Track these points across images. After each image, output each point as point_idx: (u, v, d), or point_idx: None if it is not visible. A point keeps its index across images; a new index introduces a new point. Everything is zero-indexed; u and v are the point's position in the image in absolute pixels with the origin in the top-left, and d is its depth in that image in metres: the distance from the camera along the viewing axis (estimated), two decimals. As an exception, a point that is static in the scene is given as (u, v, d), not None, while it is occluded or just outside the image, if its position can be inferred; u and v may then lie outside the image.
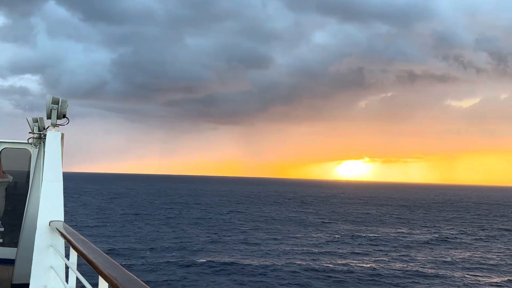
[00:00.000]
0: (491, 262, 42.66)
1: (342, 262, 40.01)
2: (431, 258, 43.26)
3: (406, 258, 42.83)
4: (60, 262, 6.30)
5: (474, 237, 59.35)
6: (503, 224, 78.65)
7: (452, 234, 61.67)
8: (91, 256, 3.89)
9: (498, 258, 44.65)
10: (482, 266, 40.45)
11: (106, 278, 3.21)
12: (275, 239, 51.94)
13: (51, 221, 6.48)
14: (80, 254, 4.35)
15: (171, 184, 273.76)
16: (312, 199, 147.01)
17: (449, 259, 43.36)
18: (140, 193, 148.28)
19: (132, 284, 2.89)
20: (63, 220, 6.53)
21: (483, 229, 69.53)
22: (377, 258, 42.37)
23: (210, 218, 73.24)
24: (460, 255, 45.89)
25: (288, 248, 45.73)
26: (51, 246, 6.43)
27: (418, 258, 43.05)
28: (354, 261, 40.46)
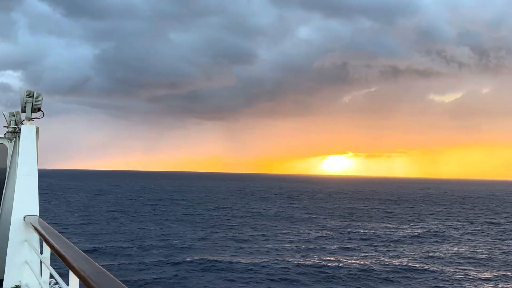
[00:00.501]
0: (480, 256, 42.72)
1: (332, 257, 39.75)
2: (421, 253, 43.21)
3: (395, 253, 42.72)
4: (35, 257, 6.22)
5: (462, 231, 59.62)
6: (489, 218, 79.28)
7: (440, 228, 61.87)
8: (62, 250, 3.86)
9: (487, 252, 44.75)
10: (471, 260, 40.46)
11: (75, 271, 3.21)
12: (263, 235, 51.52)
13: (25, 216, 6.36)
14: (52, 249, 4.30)
15: (155, 180, 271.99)
16: (298, 194, 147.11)
17: (438, 253, 43.34)
18: (125, 189, 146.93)
19: (100, 276, 2.90)
20: (38, 215, 6.37)
21: (470, 223, 69.94)
22: (367, 253, 42.18)
23: (197, 214, 72.59)
24: (449, 249, 45.93)
25: (277, 244, 45.33)
26: (26, 241, 6.34)
27: (407, 253, 42.96)
28: (344, 257, 40.21)
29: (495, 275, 35.04)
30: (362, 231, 57.24)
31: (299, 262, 37.13)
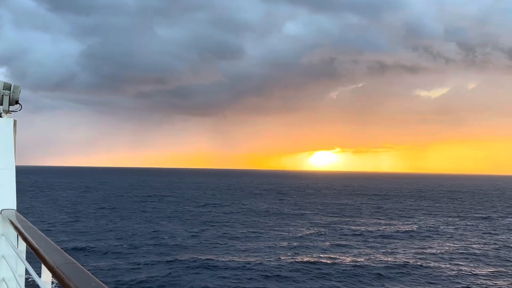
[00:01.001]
0: (473, 251, 42.67)
1: (324, 254, 39.43)
2: (413, 248, 43.05)
3: (388, 249, 42.52)
4: (11, 251, 6.01)
5: (453, 226, 59.71)
6: (478, 213, 79.64)
7: (431, 223, 61.93)
8: (35, 243, 3.78)
9: (479, 247, 44.75)
10: (464, 255, 40.35)
11: (46, 264, 3.18)
12: (255, 232, 51.10)
13: (2, 210, 6.15)
14: (27, 242, 4.22)
15: (143, 177, 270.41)
16: (288, 190, 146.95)
17: (430, 249, 43.22)
18: (113, 186, 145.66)
19: (70, 268, 2.87)
20: (15, 209, 6.22)
21: (461, 218, 70.16)
22: (359, 249, 41.94)
23: (188, 211, 71.95)
24: (441, 244, 45.86)
25: (269, 241, 44.92)
26: (3, 235, 6.12)
27: (400, 248, 42.78)
28: (336, 253, 39.91)
29: (489, 270, 34.92)
30: (353, 227, 57.06)
31: (292, 259, 36.77)
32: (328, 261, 36.41)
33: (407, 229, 55.92)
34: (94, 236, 45.77)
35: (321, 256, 38.39)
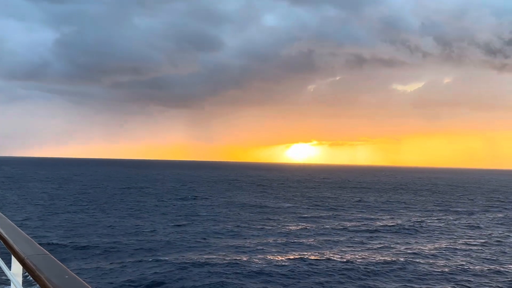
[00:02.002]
0: (461, 246, 42.25)
1: (311, 249, 38.51)
2: (400, 243, 42.44)
3: (375, 244, 41.85)
4: None
5: (439, 220, 59.46)
6: (460, 207, 79.94)
7: (415, 218, 61.63)
8: (4, 232, 3.68)
9: (465, 242, 44.40)
10: (452, 251, 39.86)
11: (15, 254, 3.11)
12: (239, 226, 49.91)
13: None
14: None
15: (119, 168, 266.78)
16: (268, 182, 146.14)
17: (417, 244, 42.72)
18: (90, 178, 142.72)
19: (41, 259, 2.79)
20: None
21: (445, 212, 70.17)
22: (346, 244, 41.16)
23: (168, 205, 70.35)
24: (428, 239, 45.40)
25: (253, 236, 43.82)
26: None
27: (387, 244, 42.11)
28: (323, 248, 39.02)
29: (477, 266, 34.38)
30: (338, 221, 56.37)
31: (278, 255, 35.85)
32: (315, 257, 35.49)
33: (393, 223, 55.42)
34: (73, 232, 43.90)
35: (307, 251, 37.47)
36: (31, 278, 2.63)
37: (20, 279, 3.35)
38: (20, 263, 2.89)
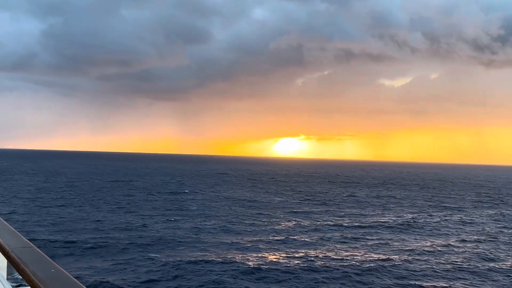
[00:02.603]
0: (455, 244, 42.02)
1: (304, 247, 38.00)
2: (395, 240, 42.14)
3: (369, 241, 41.47)
4: None
5: (432, 217, 59.31)
6: (452, 203, 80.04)
7: (407, 214, 61.45)
8: None
9: (460, 239, 44.22)
10: (441, 247, 39.62)
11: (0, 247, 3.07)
12: (231, 221, 49.29)
13: None
14: None
15: (107, 161, 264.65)
16: (257, 176, 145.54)
17: (412, 241, 42.46)
18: (78, 172, 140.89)
19: (26, 252, 2.72)
20: None
21: (437, 208, 70.15)
22: (341, 241, 40.71)
23: (158, 199, 69.43)
24: (422, 236, 45.15)
25: (247, 232, 43.23)
26: None
27: (381, 240, 41.77)
28: (317, 245, 38.53)
29: (470, 263, 34.09)
30: (330, 216, 55.98)
31: (270, 251, 35.37)
32: (308, 253, 35.12)
33: (385, 219, 55.18)
34: (61, 226, 42.87)
35: (300, 247, 37.03)
36: (15, 272, 2.56)
37: (4, 273, 3.19)
38: (5, 256, 2.82)
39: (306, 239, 40.58)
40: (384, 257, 34.70)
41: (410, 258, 34.80)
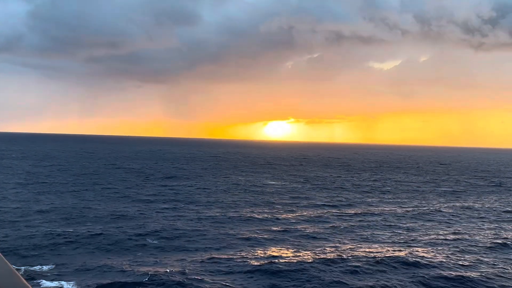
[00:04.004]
0: (462, 235, 40.88)
1: (306, 237, 36.66)
2: (403, 228, 40.92)
3: (374, 230, 40.28)
4: None
5: (425, 199, 58.29)
6: (445, 187, 79.25)
7: (412, 201, 60.40)
8: None
9: (454, 226, 43.13)
10: (454, 239, 38.43)
11: None
12: (222, 208, 47.92)
13: None
14: None
15: (97, 145, 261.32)
16: (250, 159, 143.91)
17: (418, 230, 41.29)
18: (68, 155, 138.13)
19: None
20: None
21: (438, 194, 69.22)
22: (336, 225, 39.42)
23: (158, 185, 67.62)
24: (427, 226, 43.99)
25: (242, 220, 41.75)
26: None
27: (388, 229, 40.57)
28: (320, 235, 37.19)
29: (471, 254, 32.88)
30: (328, 202, 54.69)
31: (272, 242, 34.27)
32: (311, 243, 34.11)
33: (391, 206, 54.00)
34: (56, 216, 40.92)
35: (302, 238, 35.76)
36: None
37: None
38: None
39: (306, 228, 39.17)
40: (396, 248, 33.41)
41: (421, 248, 33.52)
